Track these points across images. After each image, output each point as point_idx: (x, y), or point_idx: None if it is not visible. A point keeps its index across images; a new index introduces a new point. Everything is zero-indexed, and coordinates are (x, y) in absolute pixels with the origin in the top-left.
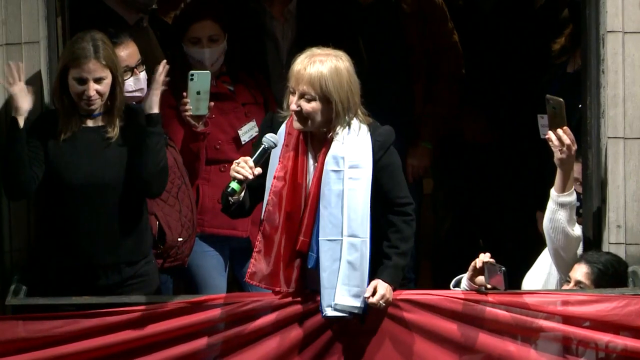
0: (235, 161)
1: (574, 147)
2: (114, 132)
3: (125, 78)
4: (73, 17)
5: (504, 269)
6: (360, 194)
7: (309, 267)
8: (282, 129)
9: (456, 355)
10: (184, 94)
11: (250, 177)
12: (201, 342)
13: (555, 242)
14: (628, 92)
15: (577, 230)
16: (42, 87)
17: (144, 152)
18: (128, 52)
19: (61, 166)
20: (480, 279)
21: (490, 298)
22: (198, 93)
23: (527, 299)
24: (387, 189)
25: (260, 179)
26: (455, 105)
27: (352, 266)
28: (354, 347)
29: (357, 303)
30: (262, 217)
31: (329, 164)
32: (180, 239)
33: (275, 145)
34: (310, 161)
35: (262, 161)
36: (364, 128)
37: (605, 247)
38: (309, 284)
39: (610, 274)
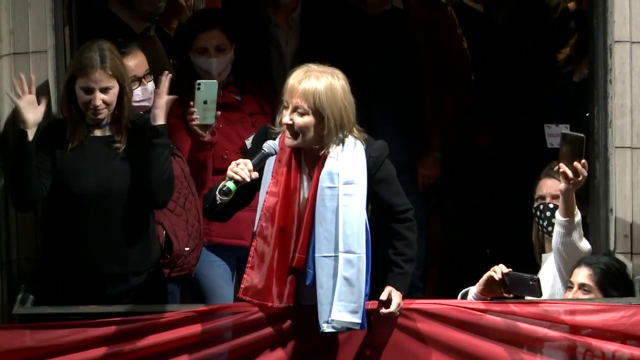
0: (234, 162)
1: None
2: (121, 142)
3: (133, 88)
4: (80, 26)
5: (536, 277)
6: (355, 210)
7: (307, 283)
8: (275, 144)
9: None
10: (191, 103)
11: (248, 179)
12: (208, 352)
13: (567, 262)
14: (635, 102)
15: (585, 244)
16: (49, 97)
17: (148, 164)
18: (136, 62)
19: (68, 175)
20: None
21: (497, 307)
22: (205, 102)
23: (534, 309)
24: (386, 201)
25: (248, 187)
26: (464, 112)
27: (349, 282)
28: (360, 357)
29: (354, 319)
30: (254, 232)
31: (324, 180)
32: (187, 249)
33: (275, 153)
34: (304, 177)
35: (259, 167)
36: (360, 145)
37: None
38: (306, 301)
39: (613, 273)
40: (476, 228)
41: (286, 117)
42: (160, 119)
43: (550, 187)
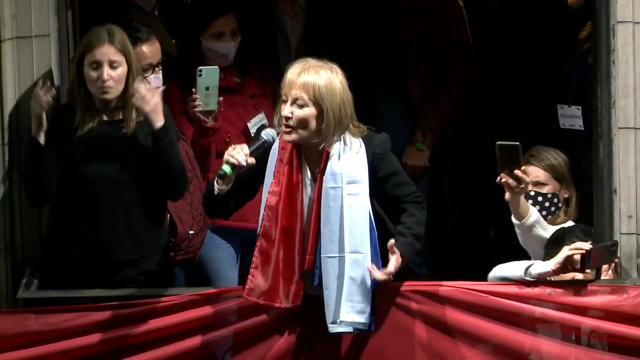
0: (231, 146)
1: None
2: (130, 127)
3: (146, 75)
4: (83, 9)
5: (615, 240)
6: (359, 209)
7: (315, 284)
8: (276, 143)
9: (468, 346)
10: (193, 90)
11: (244, 163)
12: (213, 335)
13: (539, 254)
14: (639, 83)
15: (550, 230)
16: (52, 80)
17: (159, 166)
18: (152, 49)
19: (78, 161)
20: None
21: (501, 289)
22: (207, 88)
23: (538, 290)
24: (396, 194)
25: (247, 184)
26: (462, 110)
27: (355, 282)
28: (365, 339)
29: (362, 319)
30: (258, 232)
31: (327, 181)
32: (191, 232)
33: (274, 141)
34: (307, 176)
35: (257, 154)
36: (357, 142)
37: (617, 237)
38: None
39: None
40: (479, 210)
41: (285, 109)
42: (158, 121)
43: (530, 173)
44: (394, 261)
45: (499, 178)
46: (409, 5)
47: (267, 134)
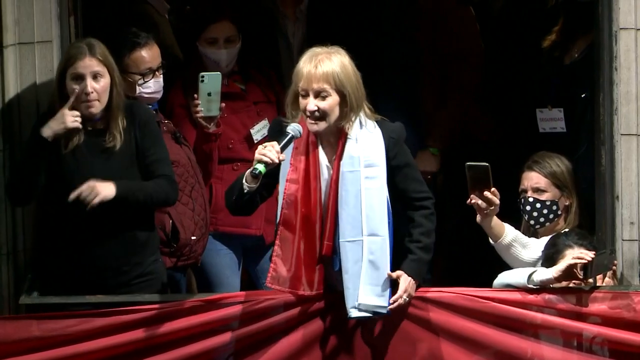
0: (260, 145)
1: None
2: (116, 139)
3: (146, 80)
4: (86, 16)
5: (613, 249)
6: (377, 192)
7: (335, 269)
8: (300, 127)
9: (470, 352)
10: (195, 95)
11: (277, 161)
12: (215, 341)
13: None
14: None
15: (529, 254)
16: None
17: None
18: (151, 54)
19: (65, 171)
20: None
21: (504, 295)
22: (209, 94)
23: (541, 296)
24: (404, 187)
25: (270, 177)
26: (467, 114)
27: (374, 265)
28: (369, 345)
29: (382, 302)
30: (278, 221)
31: (345, 165)
32: (193, 238)
33: (300, 135)
34: (323, 162)
35: (285, 150)
36: (372, 124)
37: (618, 244)
38: (335, 286)
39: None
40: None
41: (310, 104)
42: (109, 195)
43: (531, 179)
44: (402, 291)
45: (468, 200)
46: (419, 11)
47: (294, 128)
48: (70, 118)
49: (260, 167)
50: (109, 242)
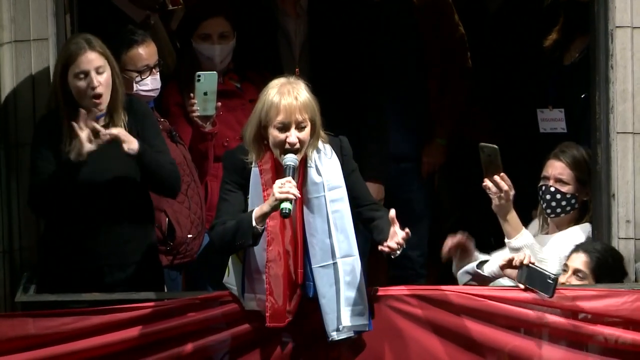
0: (277, 184)
1: (512, 192)
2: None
3: (143, 77)
4: (81, 14)
5: (554, 276)
6: (344, 213)
7: (310, 296)
8: (256, 171)
9: (465, 350)
10: (191, 95)
11: (298, 195)
12: (211, 339)
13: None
14: (637, 88)
15: (546, 260)
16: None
17: (149, 174)
18: (148, 51)
19: (68, 167)
20: (510, 272)
21: (499, 293)
22: (205, 94)
23: (536, 294)
24: (356, 195)
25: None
26: (467, 98)
27: (351, 286)
28: (363, 343)
29: (363, 321)
30: (266, 258)
31: (310, 192)
32: (189, 236)
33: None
34: None
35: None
36: (328, 147)
37: (615, 242)
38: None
39: (609, 263)
40: (476, 215)
41: (292, 136)
42: (132, 144)
43: (555, 168)
44: (399, 230)
45: (485, 183)
46: (420, 3)
47: (292, 159)
48: (88, 146)
49: (289, 205)
50: (109, 240)
